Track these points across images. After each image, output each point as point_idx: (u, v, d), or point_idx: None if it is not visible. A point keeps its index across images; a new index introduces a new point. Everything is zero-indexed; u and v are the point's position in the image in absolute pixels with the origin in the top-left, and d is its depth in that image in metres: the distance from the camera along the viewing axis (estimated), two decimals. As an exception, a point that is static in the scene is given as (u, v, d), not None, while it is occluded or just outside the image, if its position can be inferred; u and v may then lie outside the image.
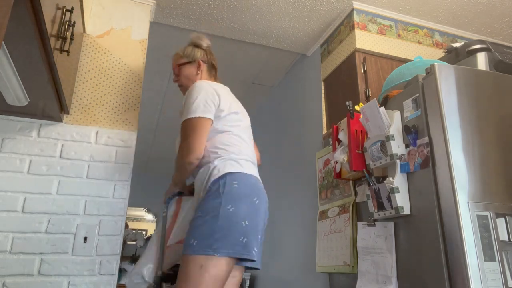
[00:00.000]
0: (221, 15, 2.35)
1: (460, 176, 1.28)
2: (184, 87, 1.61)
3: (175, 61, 1.67)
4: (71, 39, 1.44)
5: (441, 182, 1.30)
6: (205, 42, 1.72)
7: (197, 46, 1.69)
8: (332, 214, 1.97)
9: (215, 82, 1.60)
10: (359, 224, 1.67)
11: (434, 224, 1.29)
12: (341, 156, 1.72)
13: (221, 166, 1.34)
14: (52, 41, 1.18)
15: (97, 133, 1.82)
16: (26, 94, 1.40)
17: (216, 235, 1.22)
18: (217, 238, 1.22)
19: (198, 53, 1.66)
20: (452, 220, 1.24)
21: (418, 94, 1.44)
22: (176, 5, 2.26)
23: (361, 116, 1.63)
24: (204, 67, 1.66)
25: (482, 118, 1.39)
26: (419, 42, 2.34)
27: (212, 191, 1.29)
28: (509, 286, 1.19)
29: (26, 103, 1.44)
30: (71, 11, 1.32)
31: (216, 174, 1.32)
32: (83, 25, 1.85)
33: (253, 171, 1.43)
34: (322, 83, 2.44)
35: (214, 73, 1.72)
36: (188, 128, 1.39)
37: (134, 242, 5.85)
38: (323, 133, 2.31)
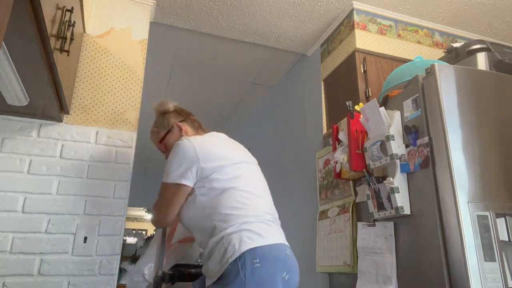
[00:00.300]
0: (221, 15, 2.35)
1: (460, 176, 1.28)
2: None
3: (156, 140, 1.56)
4: (71, 39, 1.44)
5: (441, 182, 1.30)
6: (171, 104, 1.58)
7: (165, 112, 1.57)
8: (332, 214, 1.97)
9: (200, 136, 1.43)
10: (359, 224, 1.67)
11: (434, 224, 1.29)
12: (341, 156, 1.72)
13: (236, 241, 1.12)
14: (52, 41, 1.18)
15: (97, 133, 1.81)
16: (26, 94, 1.40)
17: None
18: None
19: (171, 118, 1.54)
20: (452, 220, 1.24)
21: (418, 94, 1.44)
22: (176, 5, 2.26)
23: (361, 116, 1.63)
24: (185, 126, 1.53)
25: (482, 118, 1.39)
26: (419, 42, 2.34)
27: (232, 277, 1.08)
28: (509, 286, 1.19)
29: (26, 103, 1.44)
30: (71, 11, 1.32)
31: (232, 253, 1.11)
32: (83, 25, 1.85)
33: (276, 235, 1.22)
34: (322, 83, 2.44)
35: (197, 125, 1.58)
36: (163, 194, 1.33)
37: (134, 242, 5.86)
38: (323, 133, 2.31)
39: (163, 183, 1.34)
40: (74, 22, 1.42)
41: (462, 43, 1.88)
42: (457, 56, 1.85)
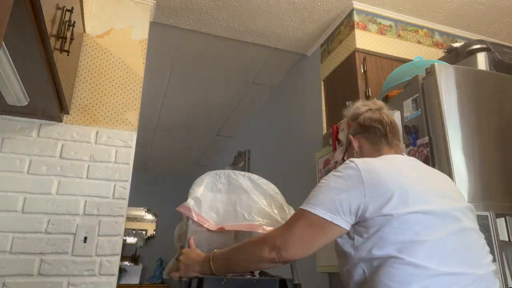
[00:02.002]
0: (221, 15, 2.35)
1: (460, 176, 1.28)
2: None
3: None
4: (71, 39, 1.44)
5: (441, 182, 1.30)
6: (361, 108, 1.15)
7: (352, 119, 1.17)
8: (332, 214, 1.96)
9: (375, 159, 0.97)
10: (359, 224, 1.67)
11: (434, 224, 1.29)
12: (341, 156, 1.71)
13: None
14: (52, 41, 1.18)
15: (97, 133, 1.81)
16: (26, 94, 1.40)
17: None
18: None
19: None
20: (452, 220, 1.24)
21: (418, 94, 1.44)
22: (176, 5, 2.26)
23: (361, 116, 1.62)
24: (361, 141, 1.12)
25: (482, 118, 1.39)
26: (419, 42, 2.34)
27: None
28: (509, 286, 1.19)
29: (26, 103, 1.44)
30: (71, 11, 1.32)
31: None
32: (83, 25, 1.85)
33: None
34: (322, 83, 2.44)
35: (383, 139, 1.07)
36: (294, 218, 0.92)
37: (134, 242, 5.86)
38: (323, 133, 2.31)
39: (300, 208, 0.93)
40: (74, 22, 1.42)
41: (462, 43, 1.88)
42: (457, 56, 1.85)
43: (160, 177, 6.37)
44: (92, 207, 1.70)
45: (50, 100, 1.51)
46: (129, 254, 5.70)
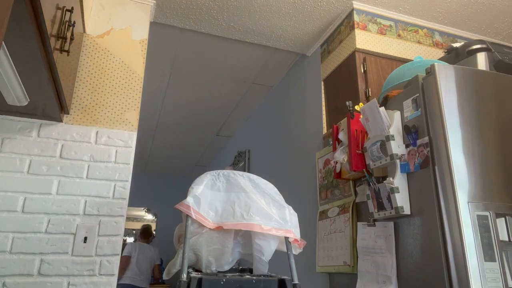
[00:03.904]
0: (221, 15, 2.35)
1: (460, 176, 1.28)
2: None
3: None
4: (71, 39, 1.44)
5: (441, 182, 1.30)
6: None
7: None
8: (332, 214, 1.97)
9: None
10: (359, 224, 1.67)
11: (434, 224, 1.29)
12: (341, 156, 1.72)
13: None
14: (52, 41, 1.18)
15: (97, 133, 1.82)
16: (26, 94, 1.40)
17: None
18: None
19: None
20: (452, 220, 1.24)
21: (418, 94, 1.45)
22: (176, 5, 2.26)
23: (361, 116, 1.63)
24: None
25: (482, 118, 1.39)
26: (419, 42, 2.34)
27: None
28: (509, 286, 1.19)
29: (26, 103, 1.44)
30: (71, 11, 1.32)
31: None
32: (83, 25, 1.85)
33: None
34: (322, 83, 2.44)
35: None
36: None
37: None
38: (323, 133, 2.31)
39: None
40: (74, 22, 1.42)
41: (462, 43, 1.88)
42: (457, 56, 1.85)
43: (160, 177, 6.37)
44: (92, 207, 1.70)
45: (50, 100, 1.51)
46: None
